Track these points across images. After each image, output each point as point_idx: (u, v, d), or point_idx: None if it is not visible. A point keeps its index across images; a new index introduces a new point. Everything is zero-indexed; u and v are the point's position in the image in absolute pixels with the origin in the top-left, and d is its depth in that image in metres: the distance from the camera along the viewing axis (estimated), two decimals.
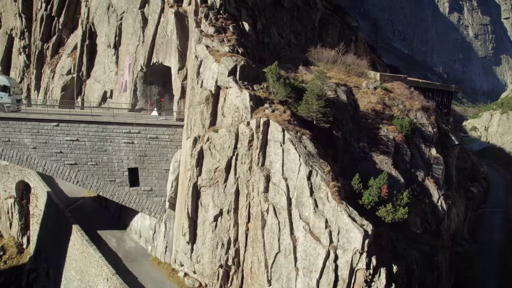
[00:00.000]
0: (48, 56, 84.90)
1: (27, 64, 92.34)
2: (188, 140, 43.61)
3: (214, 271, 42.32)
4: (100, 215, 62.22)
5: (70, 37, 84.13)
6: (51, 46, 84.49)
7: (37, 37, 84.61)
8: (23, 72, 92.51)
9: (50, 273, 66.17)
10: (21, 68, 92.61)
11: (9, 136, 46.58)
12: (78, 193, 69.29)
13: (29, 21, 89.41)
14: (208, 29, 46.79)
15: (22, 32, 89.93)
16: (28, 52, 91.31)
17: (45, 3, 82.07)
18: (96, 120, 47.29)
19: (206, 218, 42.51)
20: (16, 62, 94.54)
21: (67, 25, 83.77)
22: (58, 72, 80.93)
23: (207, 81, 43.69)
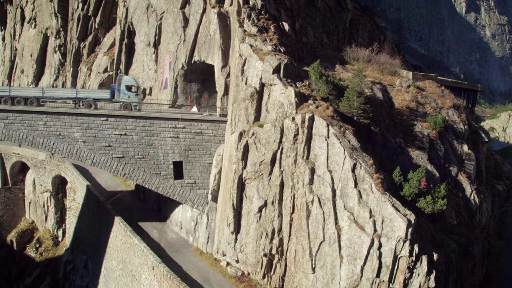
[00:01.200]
0: (84, 54, 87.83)
1: (62, 62, 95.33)
2: (233, 135, 45.81)
3: (258, 260, 44.39)
4: (139, 208, 64.74)
5: (106, 36, 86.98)
6: (88, 45, 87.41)
7: (73, 36, 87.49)
8: (58, 70, 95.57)
9: (88, 264, 68.59)
10: (56, 66, 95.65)
11: (60, 130, 49.13)
12: (115, 187, 71.90)
13: (64, 21, 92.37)
14: (251, 29, 49.03)
15: (57, 31, 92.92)
16: (63, 50, 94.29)
17: (82, 3, 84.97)
18: (143, 115, 49.62)
19: (250, 209, 44.64)
20: (51, 61, 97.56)
21: (103, 24, 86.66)
22: (94, 70, 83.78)
23: (251, 79, 45.87)
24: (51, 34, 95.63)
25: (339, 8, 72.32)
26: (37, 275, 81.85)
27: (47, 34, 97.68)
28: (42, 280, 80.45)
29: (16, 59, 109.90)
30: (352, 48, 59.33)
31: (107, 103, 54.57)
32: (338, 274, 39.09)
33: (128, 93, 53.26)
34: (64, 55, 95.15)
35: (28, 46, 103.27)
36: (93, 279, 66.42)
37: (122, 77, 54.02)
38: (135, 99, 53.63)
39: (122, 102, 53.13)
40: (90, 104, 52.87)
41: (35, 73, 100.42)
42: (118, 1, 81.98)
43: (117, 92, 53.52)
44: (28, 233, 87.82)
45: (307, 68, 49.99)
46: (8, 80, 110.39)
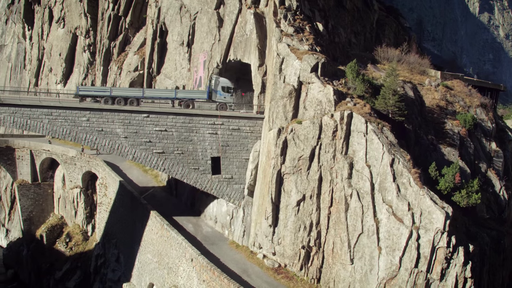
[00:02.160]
0: (114, 53, 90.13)
1: (90, 61, 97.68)
2: (272, 131, 47.63)
3: (296, 252, 46.16)
4: (172, 203, 66.71)
5: (135, 36, 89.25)
6: (118, 44, 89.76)
7: (104, 36, 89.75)
8: (87, 69, 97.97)
9: (120, 258, 70.61)
10: (85, 65, 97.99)
11: (103, 126, 51.32)
12: (147, 183, 73.97)
13: (94, 21, 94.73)
14: (288, 29, 50.90)
15: (87, 31, 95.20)
16: (92, 50, 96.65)
17: (112, 4, 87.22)
18: (183, 112, 51.65)
19: (289, 203, 46.43)
20: (79, 59, 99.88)
21: (133, 24, 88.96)
22: (125, 68, 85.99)
23: (289, 77, 47.72)
24: (80, 34, 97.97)
25: (367, 9, 73.99)
26: (67, 269, 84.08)
27: (76, 33, 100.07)
28: (72, 274, 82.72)
29: (43, 58, 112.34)
30: (383, 48, 61.05)
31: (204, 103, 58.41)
32: (376, 264, 40.69)
33: (224, 94, 57.30)
34: (93, 54, 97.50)
35: (57, 46, 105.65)
36: (125, 272, 68.27)
37: (218, 78, 57.53)
38: (230, 99, 57.70)
39: (218, 102, 56.65)
40: (188, 104, 56.54)
41: (64, 72, 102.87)
42: (148, 1, 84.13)
43: (214, 93, 57.41)
44: (57, 228, 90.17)
45: (342, 67, 51.79)
46: (35, 78, 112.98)
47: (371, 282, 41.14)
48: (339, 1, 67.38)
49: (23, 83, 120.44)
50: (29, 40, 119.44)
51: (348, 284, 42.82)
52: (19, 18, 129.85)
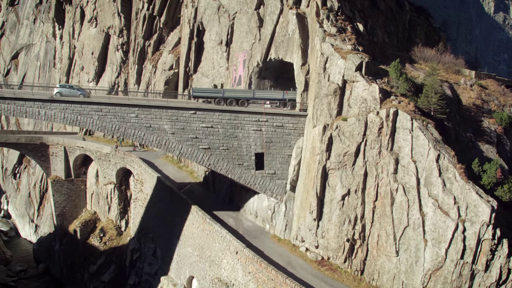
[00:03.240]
0: (149, 52, 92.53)
1: (123, 60, 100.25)
2: (316, 128, 49.63)
3: (340, 245, 48.10)
4: (211, 199, 68.85)
5: (170, 35, 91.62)
6: (153, 43, 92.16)
7: (138, 35, 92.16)
8: (120, 68, 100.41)
9: (157, 252, 72.83)
10: (118, 64, 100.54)
11: (151, 122, 53.56)
12: (183, 179, 76.22)
13: (127, 20, 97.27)
14: (331, 29, 52.90)
15: (120, 30, 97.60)
16: (126, 49, 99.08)
17: (147, 4, 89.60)
18: (229, 109, 53.83)
19: (333, 197, 48.39)
20: (112, 58, 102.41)
21: (167, 24, 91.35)
22: (160, 67, 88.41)
23: (333, 76, 49.70)
24: (113, 33, 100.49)
25: (399, 9, 75.77)
26: (102, 263, 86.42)
27: (108, 33, 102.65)
28: (106, 268, 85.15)
29: (74, 56, 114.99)
30: (419, 48, 62.75)
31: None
32: (422, 256, 42.50)
33: None
34: (126, 53, 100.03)
35: (89, 45, 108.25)
36: (162, 266, 70.45)
37: None
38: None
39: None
40: (293, 105, 59.09)
41: (96, 70, 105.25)
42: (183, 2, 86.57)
43: None
44: (90, 223, 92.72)
45: (383, 66, 53.65)
46: (66, 77, 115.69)
47: (417, 273, 42.89)
48: (373, 2, 69.15)
49: (52, 81, 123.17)
50: (60, 39, 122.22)
51: (393, 276, 44.54)
52: (47, 17, 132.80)
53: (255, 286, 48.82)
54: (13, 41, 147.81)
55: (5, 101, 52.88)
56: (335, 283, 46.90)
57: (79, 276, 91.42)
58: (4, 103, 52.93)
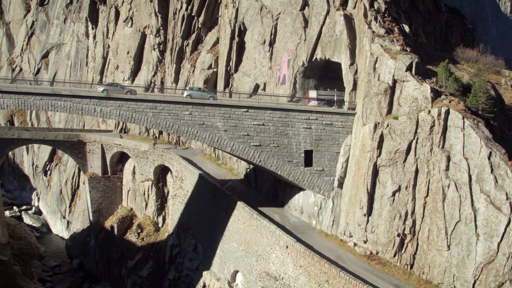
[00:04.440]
0: (187, 52, 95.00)
1: (159, 59, 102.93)
2: (367, 126, 51.83)
3: (390, 240, 50.11)
4: (254, 195, 71.01)
5: (208, 35, 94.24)
6: (191, 43, 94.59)
7: (177, 35, 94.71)
8: (156, 67, 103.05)
9: (198, 248, 75.10)
10: (154, 63, 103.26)
11: (204, 120, 55.91)
12: (224, 176, 78.50)
13: (164, 20, 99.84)
14: (379, 30, 54.99)
15: (157, 30, 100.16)
16: (162, 48, 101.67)
17: (186, 4, 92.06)
18: (281, 107, 56.10)
19: (384, 193, 50.46)
20: (148, 57, 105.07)
21: (206, 24, 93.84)
22: (198, 66, 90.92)
23: (383, 75, 51.80)
24: (150, 33, 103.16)
25: (437, 10, 77.72)
26: (139, 258, 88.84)
27: (144, 32, 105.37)
28: (144, 263, 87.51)
29: (108, 55, 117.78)
30: (461, 49, 64.74)
31: None
32: (474, 250, 44.44)
33: None
34: (162, 52, 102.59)
35: (124, 44, 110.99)
36: (204, 261, 72.77)
37: None
38: None
39: None
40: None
41: (132, 69, 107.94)
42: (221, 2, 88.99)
43: None
44: (127, 220, 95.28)
45: (429, 67, 55.67)
46: (100, 75, 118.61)
47: (468, 266, 44.80)
48: (413, 3, 71.11)
49: (83, 80, 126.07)
50: (93, 38, 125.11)
51: (444, 269, 46.48)
52: (78, 17, 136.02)
53: (307, 279, 50.78)
54: (43, 40, 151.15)
55: (62, 98, 55.09)
56: (386, 276, 48.76)
57: (116, 271, 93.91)
58: (61, 100, 55.20)
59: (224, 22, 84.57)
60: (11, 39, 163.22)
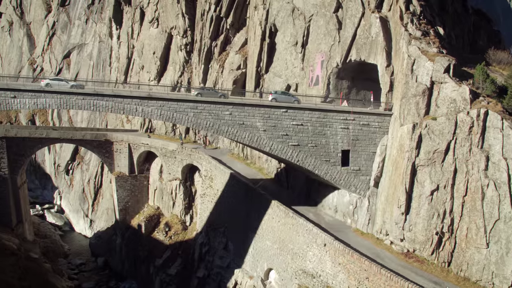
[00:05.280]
0: (215, 53, 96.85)
1: (186, 59, 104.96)
2: (406, 126, 53.49)
3: (428, 238, 51.66)
4: (286, 194, 72.61)
5: (236, 36, 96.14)
6: (219, 43, 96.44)
7: (205, 35, 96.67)
8: (183, 67, 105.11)
9: (229, 246, 76.83)
10: (181, 64, 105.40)
11: (244, 120, 57.71)
12: (254, 175, 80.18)
13: (191, 21, 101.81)
14: (416, 33, 56.54)
15: (185, 31, 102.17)
16: (189, 49, 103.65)
17: (214, 5, 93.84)
18: (319, 108, 57.89)
19: (422, 192, 52.02)
20: (174, 58, 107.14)
21: (234, 25, 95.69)
22: (227, 67, 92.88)
23: (421, 77, 53.39)
24: (177, 34, 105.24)
25: (465, 12, 79.17)
26: (168, 256, 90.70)
27: (171, 33, 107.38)
28: (172, 261, 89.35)
29: (133, 56, 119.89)
30: (492, 50, 66.11)
31: None
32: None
33: None
34: (189, 53, 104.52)
35: (149, 44, 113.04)
36: (235, 259, 74.56)
37: None
38: None
39: None
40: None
41: (158, 70, 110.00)
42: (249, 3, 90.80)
43: None
44: (154, 218, 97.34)
45: (465, 68, 57.17)
46: (124, 75, 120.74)
47: (507, 264, 46.31)
48: (442, 6, 72.58)
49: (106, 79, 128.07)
50: (117, 39, 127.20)
51: (482, 266, 47.96)
52: (100, 17, 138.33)
53: (346, 276, 52.35)
54: (64, 40, 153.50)
55: (104, 98, 56.92)
56: (424, 273, 50.23)
57: (143, 269, 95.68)
58: (103, 100, 57.04)
59: (254, 23, 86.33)
60: (31, 39, 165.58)
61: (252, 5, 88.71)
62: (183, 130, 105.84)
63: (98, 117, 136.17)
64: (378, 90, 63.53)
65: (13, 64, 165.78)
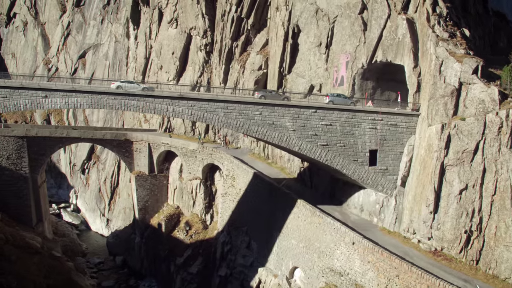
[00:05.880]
0: (236, 53, 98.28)
1: (206, 60, 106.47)
2: (434, 127, 54.73)
3: (456, 236, 52.87)
4: (309, 193, 73.81)
5: (256, 36, 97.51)
6: (240, 44, 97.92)
7: (226, 36, 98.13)
8: (202, 67, 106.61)
9: (252, 245, 78.17)
10: (201, 64, 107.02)
11: (274, 119, 59.13)
12: (277, 175, 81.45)
13: (211, 22, 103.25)
14: (443, 34, 57.69)
15: (204, 32, 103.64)
16: (209, 49, 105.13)
17: (235, 6, 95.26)
18: (348, 108, 59.19)
19: (451, 191, 53.24)
20: (194, 58, 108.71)
21: (255, 25, 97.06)
22: (248, 67, 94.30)
23: (449, 78, 54.60)
24: (197, 34, 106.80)
25: (486, 14, 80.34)
26: (188, 255, 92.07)
27: (190, 33, 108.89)
28: (193, 260, 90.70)
29: (151, 56, 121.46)
30: None
31: None
32: None
33: None
34: (208, 53, 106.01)
35: (168, 45, 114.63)
36: (258, 257, 75.92)
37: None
38: None
39: None
40: None
41: (177, 70, 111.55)
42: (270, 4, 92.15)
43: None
44: (174, 217, 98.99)
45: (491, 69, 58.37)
46: (142, 75, 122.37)
47: None
48: (464, 7, 73.81)
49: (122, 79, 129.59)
50: (134, 39, 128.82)
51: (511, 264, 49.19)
52: (115, 18, 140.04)
53: (375, 274, 53.58)
54: (79, 40, 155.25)
55: (136, 97, 58.30)
56: (453, 271, 51.38)
57: (163, 268, 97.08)
58: (134, 100, 58.42)
59: (275, 24, 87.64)
60: (46, 39, 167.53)
61: (273, 6, 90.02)
62: (202, 130, 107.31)
63: (115, 117, 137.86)
64: (402, 90, 64.85)
65: (28, 64, 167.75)
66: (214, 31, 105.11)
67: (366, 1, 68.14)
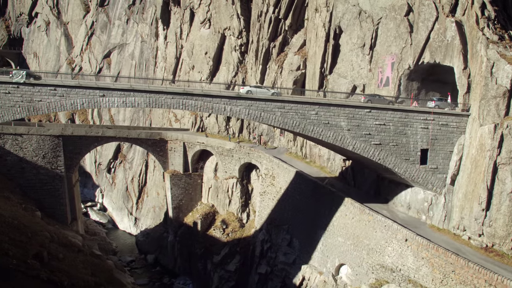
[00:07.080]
0: (273, 53, 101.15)
1: (240, 60, 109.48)
2: (486, 127, 57.53)
3: (508, 233, 55.64)
4: (354, 192, 76.45)
5: (294, 37, 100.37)
6: (278, 44, 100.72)
7: (263, 37, 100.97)
8: (237, 67, 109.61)
9: (293, 242, 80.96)
10: (235, 64, 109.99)
11: (329, 119, 62.05)
12: (317, 174, 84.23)
13: (246, 22, 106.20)
14: (493, 37, 60.44)
15: (239, 32, 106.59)
16: (243, 49, 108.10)
17: (273, 7, 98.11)
18: (401, 108, 62.09)
19: (503, 189, 55.98)
20: (228, 59, 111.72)
21: (292, 26, 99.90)
22: (286, 68, 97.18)
23: (501, 79, 57.39)
24: (231, 34, 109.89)
25: None
26: (226, 253, 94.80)
27: (224, 34, 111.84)
28: (231, 258, 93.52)
29: (181, 56, 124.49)
30: None
31: None
32: None
33: None
34: (243, 53, 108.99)
35: (200, 45, 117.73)
36: (301, 255, 78.70)
37: None
38: None
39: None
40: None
41: (211, 70, 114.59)
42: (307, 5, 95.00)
43: None
44: (210, 216, 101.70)
45: None
46: (173, 75, 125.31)
47: None
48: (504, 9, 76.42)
49: None
50: (164, 39, 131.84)
51: None
52: (141, 17, 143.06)
53: (429, 270, 56.26)
54: (104, 40, 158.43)
55: (193, 97, 61.19)
56: (507, 267, 53.94)
57: (199, 266, 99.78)
58: (192, 99, 61.34)
59: (314, 25, 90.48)
60: (69, 39, 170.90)
61: (311, 7, 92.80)
62: (236, 129, 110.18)
63: (142, 116, 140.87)
64: (447, 91, 67.78)
65: (51, 63, 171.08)
66: (250, 31, 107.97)
67: (412, 3, 70.82)
